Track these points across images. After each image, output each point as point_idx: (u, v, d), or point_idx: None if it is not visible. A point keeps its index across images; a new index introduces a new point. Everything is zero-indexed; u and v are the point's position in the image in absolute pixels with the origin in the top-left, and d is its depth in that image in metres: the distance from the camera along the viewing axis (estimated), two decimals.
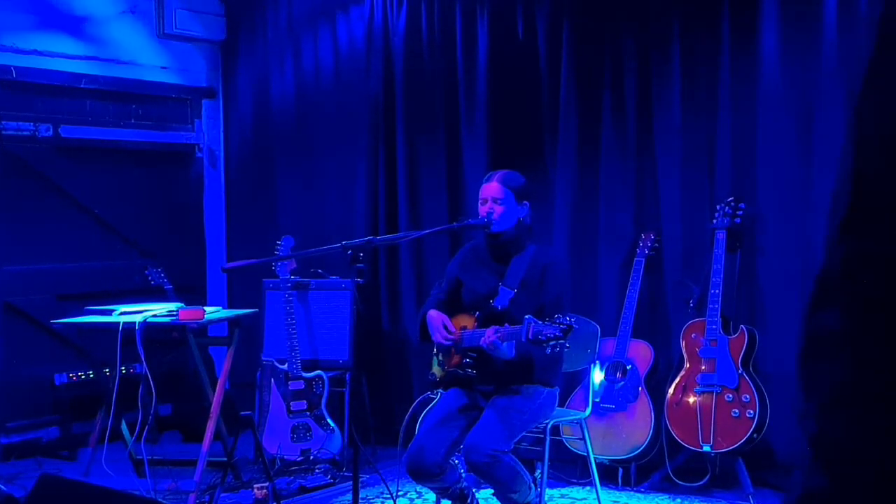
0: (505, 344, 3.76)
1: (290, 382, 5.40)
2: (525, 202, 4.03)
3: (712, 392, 4.78)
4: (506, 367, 3.89)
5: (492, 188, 3.99)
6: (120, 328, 4.49)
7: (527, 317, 3.63)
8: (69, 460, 5.70)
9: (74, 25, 6.18)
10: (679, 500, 4.82)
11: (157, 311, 4.69)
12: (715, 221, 4.93)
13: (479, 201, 4.02)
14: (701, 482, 4.88)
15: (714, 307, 4.82)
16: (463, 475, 4.04)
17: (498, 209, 3.96)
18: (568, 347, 3.60)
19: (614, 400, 5.03)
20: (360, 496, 3.86)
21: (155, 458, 4.89)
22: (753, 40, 4.92)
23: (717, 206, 4.96)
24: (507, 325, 3.77)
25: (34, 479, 3.48)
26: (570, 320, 3.56)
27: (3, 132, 5.88)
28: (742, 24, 4.96)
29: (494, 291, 3.96)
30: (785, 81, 4.85)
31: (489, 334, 3.75)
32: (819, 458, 1.04)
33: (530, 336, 3.59)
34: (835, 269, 1.04)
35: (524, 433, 4.08)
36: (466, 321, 4.00)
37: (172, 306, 4.82)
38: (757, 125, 4.95)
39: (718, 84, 5.04)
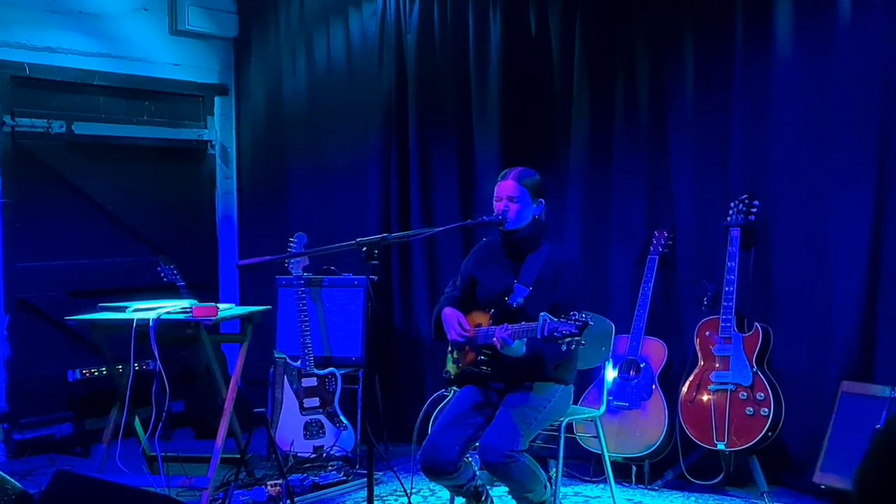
0: (517, 341, 3.74)
1: (302, 379, 5.40)
2: (541, 200, 4.01)
3: (726, 390, 4.76)
4: (518, 364, 3.87)
5: (508, 186, 3.97)
6: (134, 325, 4.49)
7: (542, 314, 3.62)
8: (82, 457, 5.72)
9: (87, 22, 6.19)
10: (693, 499, 4.81)
11: (170, 308, 4.69)
12: (729, 219, 4.91)
13: (495, 199, 4.00)
14: (715, 480, 4.87)
15: (728, 305, 4.81)
16: (477, 473, 4.03)
17: (514, 207, 3.94)
18: (583, 344, 3.59)
19: (628, 398, 5.02)
20: (374, 493, 3.84)
21: (168, 454, 4.89)
22: (767, 37, 4.90)
23: (731, 204, 4.94)
24: (522, 322, 3.75)
25: (48, 476, 3.49)
26: (585, 317, 3.55)
27: (17, 128, 5.89)
28: (756, 20, 4.94)
29: (509, 289, 3.95)
30: (799, 78, 4.83)
31: (499, 332, 3.73)
32: None
33: (546, 333, 3.57)
34: None
35: (539, 431, 4.07)
36: (481, 318, 3.98)
37: (186, 303, 4.82)
38: (771, 122, 4.93)
39: (732, 80, 5.02)
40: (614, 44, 5.39)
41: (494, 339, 3.75)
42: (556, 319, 3.57)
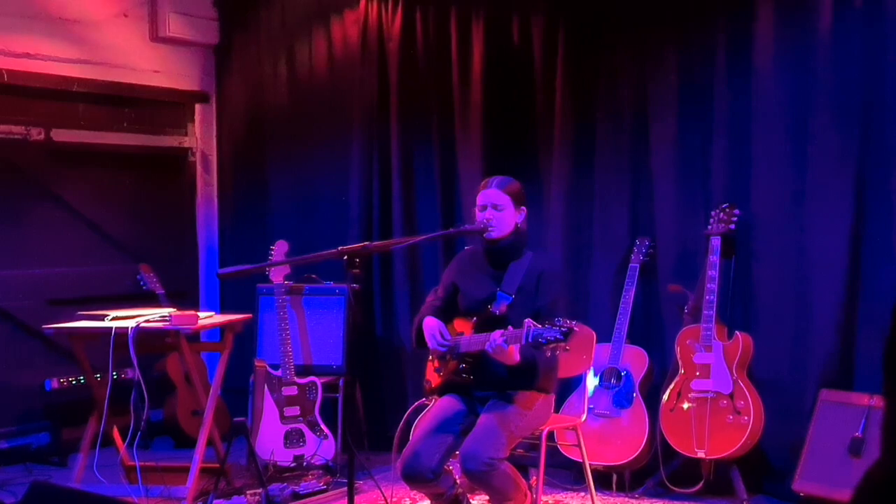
0: (509, 347, 3.72)
1: (283, 388, 5.38)
2: (522, 207, 4.01)
3: (707, 398, 4.77)
4: (507, 373, 3.86)
5: (491, 194, 3.97)
6: (112, 333, 4.46)
7: (526, 320, 3.61)
8: (60, 466, 5.66)
9: (67, 29, 6.14)
10: None
11: (149, 316, 4.66)
12: (710, 227, 4.92)
13: (478, 207, 4.00)
14: (695, 488, 4.86)
15: (709, 313, 4.81)
16: (457, 481, 4.01)
17: (497, 215, 3.94)
18: (568, 350, 3.58)
19: (609, 406, 5.01)
20: (355, 502, 3.82)
21: (147, 464, 4.85)
22: (749, 47, 4.93)
23: (712, 212, 4.95)
24: (510, 328, 3.74)
25: (24, 486, 3.46)
26: (570, 322, 3.54)
27: None
28: (738, 31, 4.97)
29: (492, 297, 3.94)
30: (779, 88, 4.86)
31: (495, 337, 3.70)
32: None
33: (530, 339, 3.56)
34: None
35: (520, 439, 4.06)
36: (464, 327, 3.98)
37: (165, 311, 4.79)
38: (751, 131, 4.96)
39: (713, 90, 5.04)
40: (597, 53, 5.40)
41: (489, 345, 3.71)
42: (540, 326, 3.57)
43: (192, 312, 4.73)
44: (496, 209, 3.95)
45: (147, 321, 4.57)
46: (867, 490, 1.31)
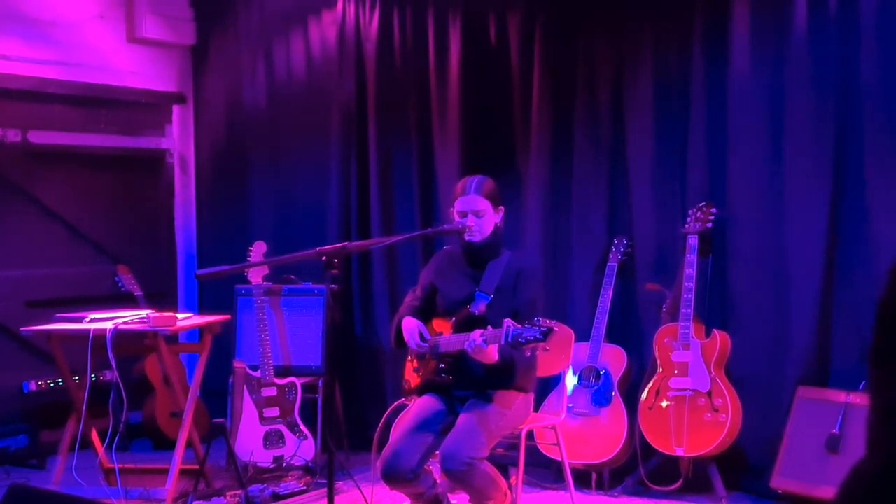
0: (488, 347, 3.73)
1: (262, 389, 5.37)
2: (500, 207, 4.03)
3: (685, 396, 4.79)
4: (486, 372, 3.87)
5: (470, 200, 3.95)
6: (91, 335, 4.44)
7: (506, 320, 3.62)
8: (38, 469, 5.63)
9: (43, 30, 6.11)
10: None
11: (128, 317, 4.64)
12: (687, 226, 4.95)
13: (457, 212, 3.98)
14: (674, 486, 4.88)
15: (687, 312, 4.84)
16: (438, 481, 4.02)
17: (479, 221, 3.94)
18: (548, 350, 3.60)
19: (588, 405, 5.03)
20: (335, 503, 3.82)
21: (126, 466, 4.83)
22: (725, 47, 4.96)
23: (690, 211, 4.98)
24: (489, 328, 3.75)
25: (2, 489, 3.43)
26: (550, 322, 3.55)
27: None
28: (714, 30, 5.00)
29: (471, 297, 3.95)
30: (756, 87, 4.89)
31: (474, 337, 3.71)
32: None
33: (510, 339, 3.58)
34: None
35: (500, 439, 4.07)
36: (442, 327, 3.98)
37: (143, 313, 4.77)
38: (729, 130, 4.99)
39: (691, 89, 5.07)
40: (574, 52, 5.42)
41: (468, 344, 3.72)
42: (519, 326, 3.58)
43: (171, 314, 4.73)
44: (477, 215, 3.95)
45: (125, 323, 4.56)
46: (854, 487, 1.29)
